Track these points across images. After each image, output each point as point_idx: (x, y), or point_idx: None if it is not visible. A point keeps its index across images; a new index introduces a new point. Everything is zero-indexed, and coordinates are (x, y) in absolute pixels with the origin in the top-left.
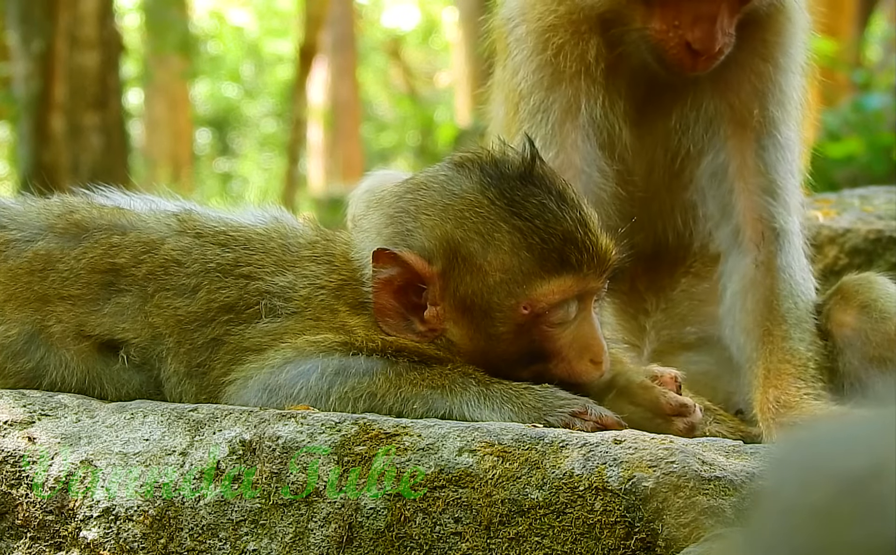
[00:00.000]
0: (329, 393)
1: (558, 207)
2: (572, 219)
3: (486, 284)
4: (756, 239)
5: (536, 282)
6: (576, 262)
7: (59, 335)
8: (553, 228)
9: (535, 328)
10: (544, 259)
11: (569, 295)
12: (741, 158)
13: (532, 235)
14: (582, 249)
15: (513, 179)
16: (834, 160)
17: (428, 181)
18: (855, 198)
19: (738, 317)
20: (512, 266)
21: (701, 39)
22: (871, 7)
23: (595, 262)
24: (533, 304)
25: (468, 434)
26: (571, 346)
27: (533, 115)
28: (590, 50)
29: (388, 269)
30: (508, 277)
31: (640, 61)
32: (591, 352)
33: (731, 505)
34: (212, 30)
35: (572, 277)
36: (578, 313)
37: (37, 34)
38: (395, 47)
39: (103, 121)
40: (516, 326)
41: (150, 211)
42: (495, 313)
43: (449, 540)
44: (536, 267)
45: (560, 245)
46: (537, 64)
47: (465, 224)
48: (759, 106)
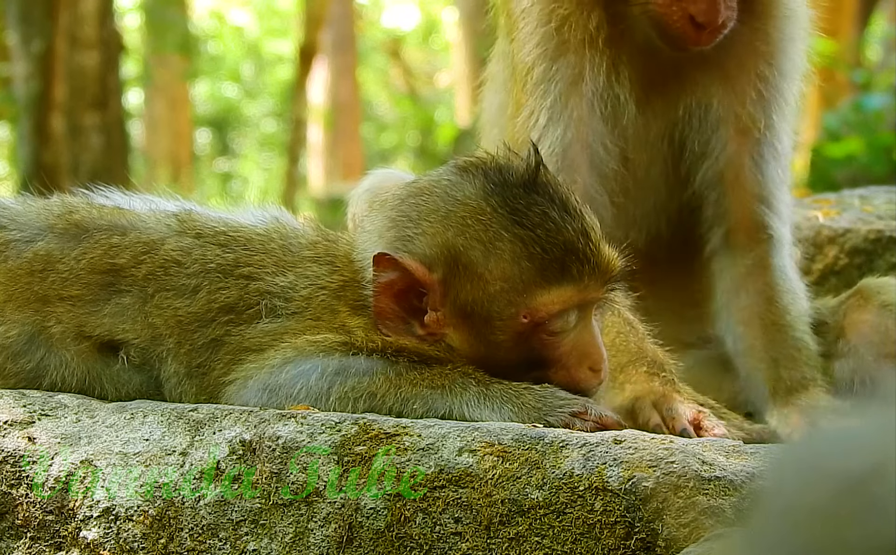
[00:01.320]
0: (329, 393)
1: (560, 217)
2: (574, 229)
3: (487, 293)
4: (748, 243)
5: (537, 291)
6: (576, 272)
7: (59, 336)
8: (554, 238)
9: (534, 337)
10: (545, 269)
11: (569, 305)
12: (739, 163)
13: (533, 244)
14: (583, 259)
15: (516, 186)
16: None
17: (431, 186)
18: (855, 198)
19: (733, 310)
20: (513, 275)
21: (705, 12)
22: (871, 7)
23: (596, 272)
24: (533, 313)
25: (468, 434)
26: (571, 354)
27: (537, 85)
28: (592, 21)
29: (388, 273)
30: (509, 286)
31: (644, 38)
32: (591, 360)
33: (731, 505)
34: (212, 30)
35: (573, 286)
36: (578, 322)
37: (37, 34)
38: (395, 47)
39: (103, 121)
40: (516, 334)
41: (150, 211)
42: (495, 321)
43: (449, 540)
44: (537, 277)
45: (561, 255)
46: (542, 35)
47: (467, 232)
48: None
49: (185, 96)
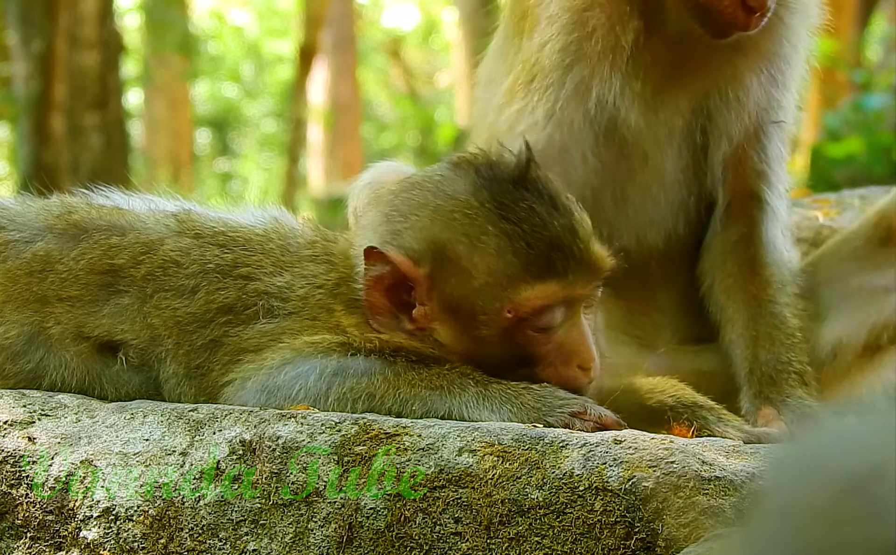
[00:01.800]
0: (328, 394)
1: (548, 213)
2: (561, 225)
3: (472, 287)
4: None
5: (521, 286)
6: (561, 268)
7: (59, 336)
8: (540, 234)
9: (520, 332)
10: (529, 264)
11: (553, 301)
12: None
13: (518, 239)
14: (569, 255)
15: (505, 182)
16: (834, 160)
17: (423, 181)
18: (855, 198)
19: (717, 278)
20: (497, 270)
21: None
22: (871, 7)
23: (582, 269)
24: (517, 308)
25: (468, 434)
26: (559, 351)
27: (546, 88)
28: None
29: (378, 267)
30: (493, 281)
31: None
32: (580, 358)
33: (731, 505)
34: (212, 30)
35: (557, 283)
36: (566, 319)
37: (37, 34)
38: (395, 47)
39: (103, 121)
40: (501, 329)
41: (149, 211)
42: (480, 316)
43: (449, 540)
44: (521, 271)
45: (546, 250)
46: (562, 43)
47: (454, 226)
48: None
49: (185, 96)
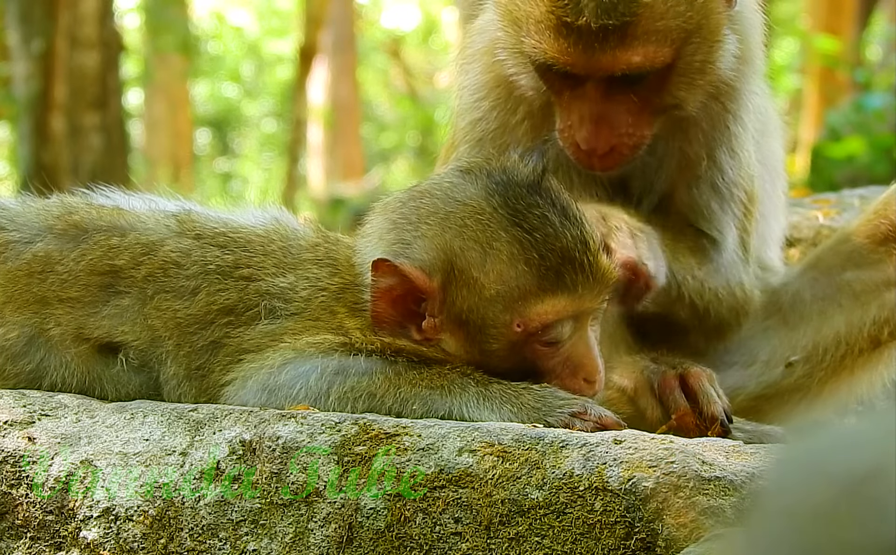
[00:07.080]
0: (328, 393)
1: (560, 223)
2: (573, 236)
3: (483, 297)
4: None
5: (531, 299)
6: (571, 282)
7: (59, 337)
8: (552, 244)
9: (528, 347)
10: (541, 277)
11: (563, 315)
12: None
13: (531, 248)
14: (579, 269)
15: (519, 186)
16: (834, 160)
17: (432, 188)
18: (855, 198)
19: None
20: (508, 278)
21: (586, 139)
22: (871, 7)
23: (592, 283)
24: (526, 322)
25: (468, 434)
26: (565, 365)
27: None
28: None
29: (387, 279)
30: (504, 290)
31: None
32: (585, 371)
33: (731, 505)
34: (212, 30)
35: (567, 297)
36: (574, 333)
37: (37, 34)
38: (395, 47)
39: (103, 121)
40: (510, 343)
41: (149, 212)
42: (489, 329)
43: (449, 540)
44: (532, 284)
45: (557, 263)
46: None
47: (465, 233)
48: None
49: (185, 96)
